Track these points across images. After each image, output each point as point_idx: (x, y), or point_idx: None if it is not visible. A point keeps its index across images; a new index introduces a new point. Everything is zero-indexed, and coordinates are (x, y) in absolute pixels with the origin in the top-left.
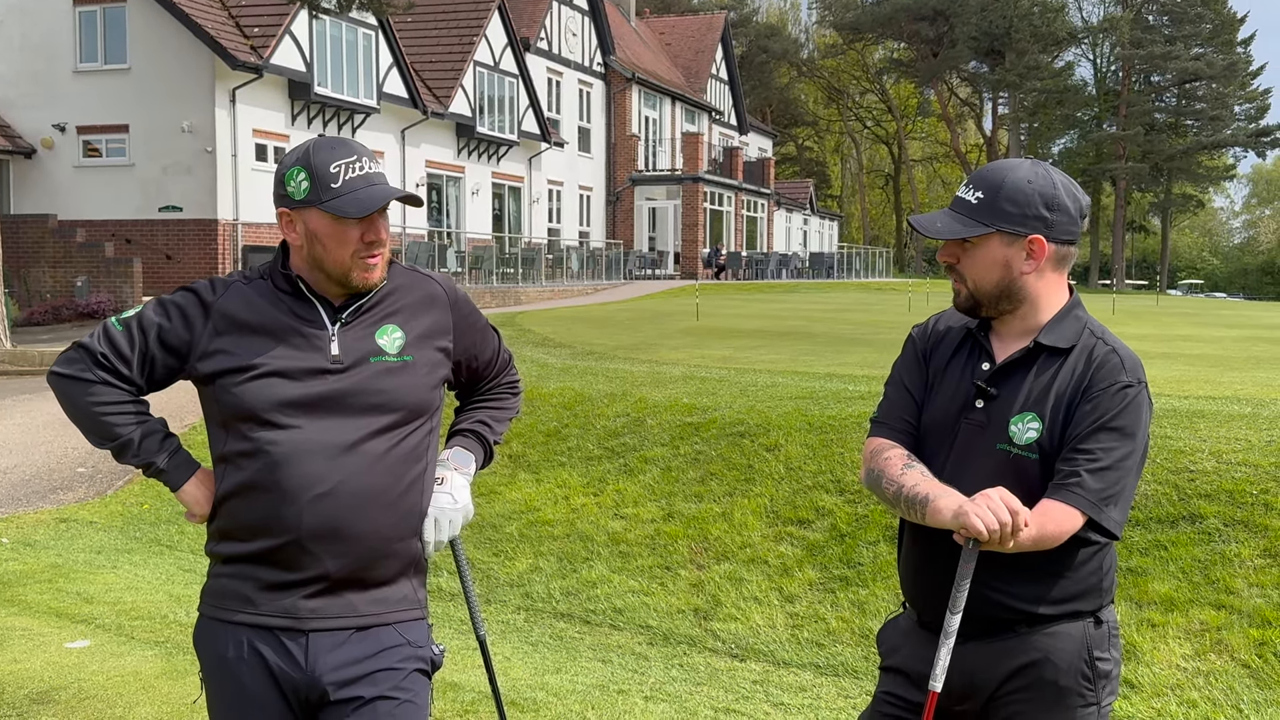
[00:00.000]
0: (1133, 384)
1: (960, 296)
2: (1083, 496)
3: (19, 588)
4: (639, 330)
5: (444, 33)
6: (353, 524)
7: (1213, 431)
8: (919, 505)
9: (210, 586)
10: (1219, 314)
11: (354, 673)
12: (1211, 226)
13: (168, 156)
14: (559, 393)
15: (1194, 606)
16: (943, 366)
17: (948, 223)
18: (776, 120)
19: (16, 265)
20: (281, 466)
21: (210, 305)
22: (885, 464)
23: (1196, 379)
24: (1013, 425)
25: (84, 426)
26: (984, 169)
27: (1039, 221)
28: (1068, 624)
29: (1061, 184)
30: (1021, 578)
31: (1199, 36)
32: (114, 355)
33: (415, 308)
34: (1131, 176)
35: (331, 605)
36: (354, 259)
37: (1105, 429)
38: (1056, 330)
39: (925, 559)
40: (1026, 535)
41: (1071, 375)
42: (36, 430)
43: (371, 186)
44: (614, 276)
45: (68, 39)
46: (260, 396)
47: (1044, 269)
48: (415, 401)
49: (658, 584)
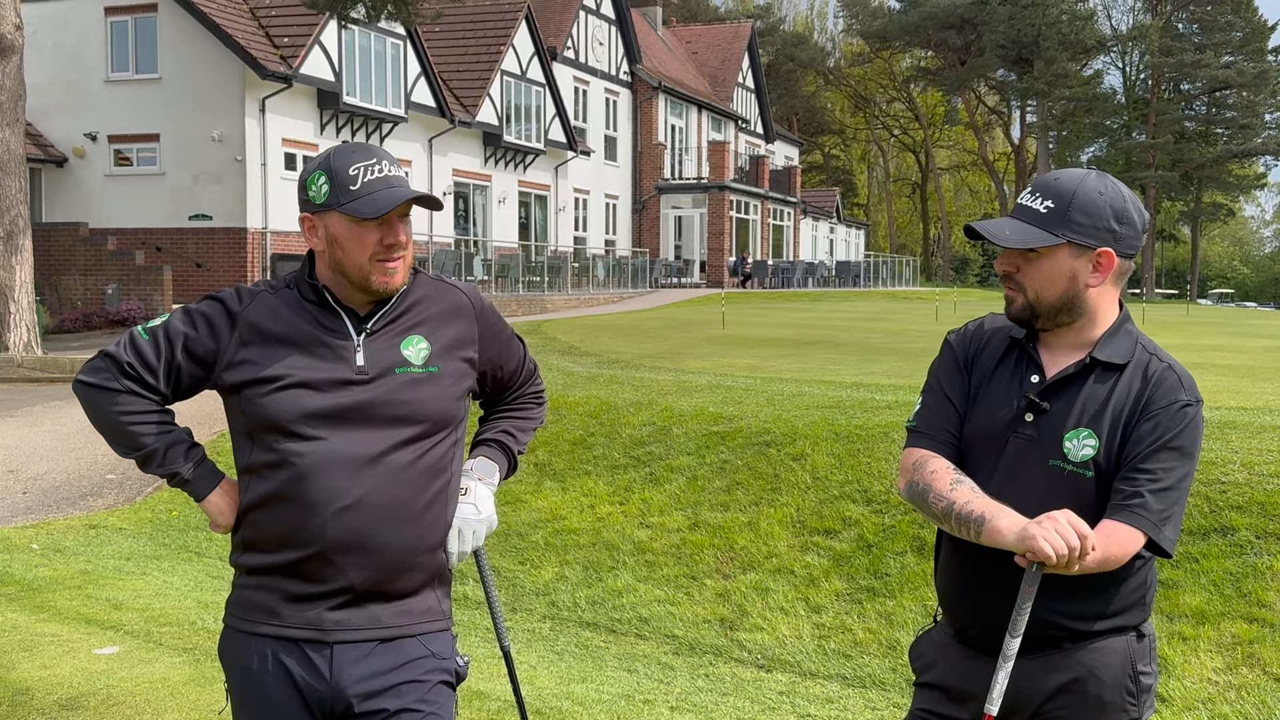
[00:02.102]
0: (1192, 403)
1: (1015, 305)
2: (1145, 518)
3: (49, 594)
4: (665, 339)
5: (471, 42)
6: (376, 536)
7: (1244, 443)
8: (974, 524)
9: (235, 598)
10: (1250, 323)
11: (378, 685)
12: (1242, 235)
13: (198, 165)
14: (585, 401)
15: (1225, 619)
16: (987, 376)
17: (1017, 230)
18: (803, 129)
19: (48, 273)
20: (306, 478)
21: (237, 315)
22: (931, 478)
23: (1227, 389)
24: (1067, 442)
25: (109, 436)
26: (1049, 177)
27: (1109, 234)
28: (1113, 639)
29: (1129, 198)
30: (1071, 595)
31: (1229, 44)
32: (140, 364)
33: (440, 318)
34: (1161, 185)
35: (356, 617)
36: (372, 262)
37: (1167, 448)
38: (1111, 345)
39: (967, 574)
40: (1092, 559)
41: (1129, 393)
42: (67, 437)
43: (390, 189)
44: (640, 285)
45: (99, 49)
46: (285, 408)
47: (1105, 283)
48: (440, 413)
49: (683, 593)
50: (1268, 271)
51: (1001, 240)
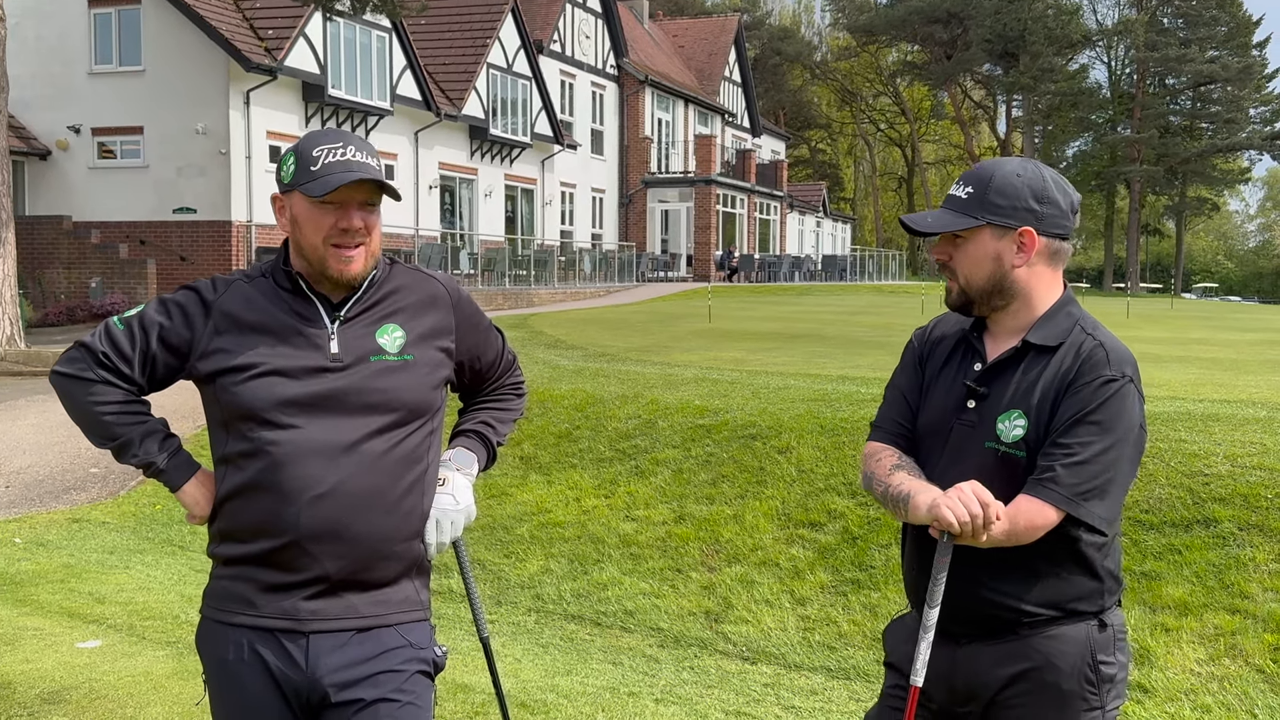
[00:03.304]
0: (1117, 377)
1: (952, 294)
2: (1055, 491)
3: (31, 587)
4: (651, 332)
5: (457, 35)
6: (352, 525)
7: (1227, 435)
8: (902, 503)
9: (211, 588)
10: (1234, 317)
11: (355, 674)
12: (1226, 230)
13: (182, 158)
14: (571, 394)
15: (1208, 611)
16: (938, 369)
17: (939, 217)
18: (790, 123)
19: (31, 266)
20: (281, 467)
21: (211, 304)
22: (876, 465)
23: (1211, 382)
24: (1000, 423)
25: (85, 426)
26: (975, 167)
27: (1028, 214)
28: (1068, 626)
29: (1051, 178)
30: (1018, 577)
31: (1214, 39)
32: (115, 354)
33: (417, 308)
34: (1146, 179)
35: (332, 607)
36: (326, 246)
37: (1085, 422)
38: (1046, 327)
39: (923, 559)
40: (999, 529)
41: (1058, 371)
42: (50, 430)
43: (346, 171)
44: (626, 279)
45: (83, 41)
46: (260, 396)
47: (1035, 263)
48: (415, 401)
49: (669, 586)
50: (1252, 266)
51: (924, 226)
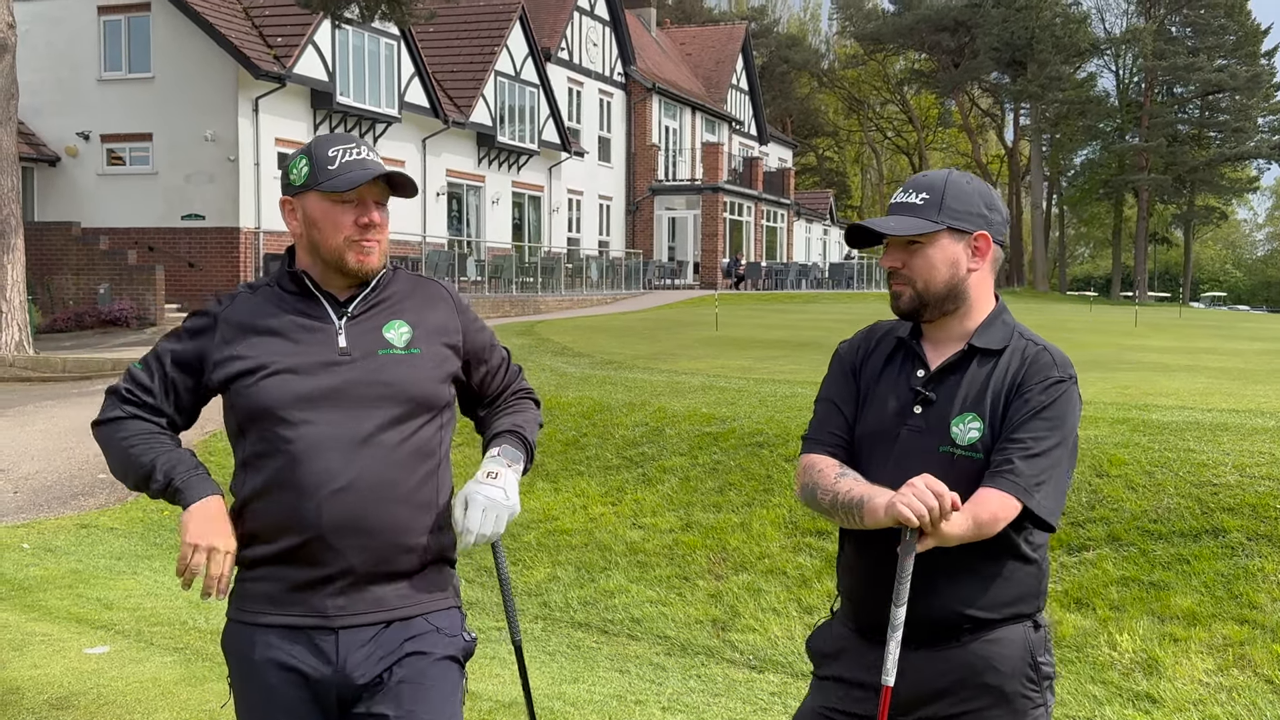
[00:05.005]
0: (1064, 379)
1: (904, 299)
2: (1014, 482)
3: (39, 593)
4: (658, 340)
5: (465, 43)
6: (371, 517)
7: (1236, 445)
8: (856, 509)
9: (236, 591)
10: (1242, 326)
11: (385, 667)
12: (1235, 239)
13: (191, 165)
14: (577, 402)
15: (1217, 621)
16: (876, 377)
17: (900, 222)
18: (797, 130)
19: (40, 272)
20: (299, 463)
21: (218, 316)
22: (818, 476)
23: (1220, 391)
24: (954, 427)
25: (119, 466)
26: (917, 176)
27: (982, 219)
28: (1009, 629)
29: (991, 189)
30: (964, 579)
31: (1222, 48)
32: (137, 388)
33: (421, 306)
34: (1154, 188)
35: (359, 601)
36: (348, 243)
37: (1037, 418)
38: (988, 333)
39: (874, 569)
40: (964, 524)
41: (1006, 374)
42: (58, 437)
43: (365, 170)
44: (633, 286)
45: (92, 48)
46: (273, 395)
47: (984, 269)
48: (424, 394)
49: (675, 594)
50: (1260, 275)
51: (887, 230)
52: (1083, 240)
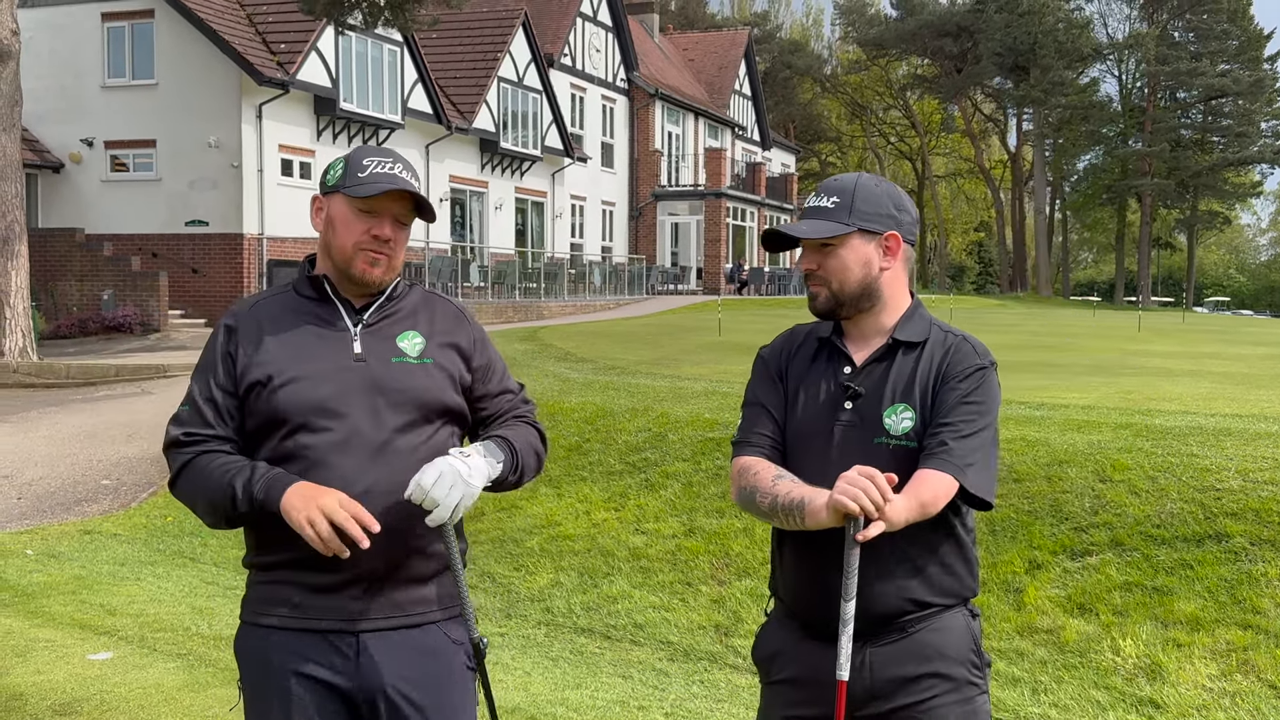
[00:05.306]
0: (985, 365)
1: (820, 299)
2: (949, 461)
3: (43, 599)
4: (661, 345)
5: (468, 49)
6: (389, 521)
7: (1239, 450)
8: (796, 511)
9: (252, 595)
10: (1246, 331)
11: (405, 675)
12: (1238, 243)
13: (194, 171)
14: (580, 407)
15: (1220, 626)
16: (802, 377)
17: (812, 225)
18: (800, 136)
19: (44, 279)
20: (318, 468)
21: (235, 329)
22: (755, 479)
23: (1223, 396)
24: (886, 418)
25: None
26: (828, 180)
27: (892, 219)
28: (952, 616)
29: (900, 191)
30: (907, 569)
31: (1225, 53)
32: (192, 422)
33: (434, 319)
34: (1157, 193)
35: (378, 605)
36: (357, 250)
37: (965, 403)
38: (908, 327)
39: (820, 568)
40: (908, 505)
41: (932, 364)
42: (62, 443)
43: (392, 183)
44: (636, 291)
45: (96, 54)
46: (291, 402)
47: (896, 267)
48: (438, 401)
49: (679, 600)
50: (1264, 279)
51: (800, 234)
52: (1086, 245)
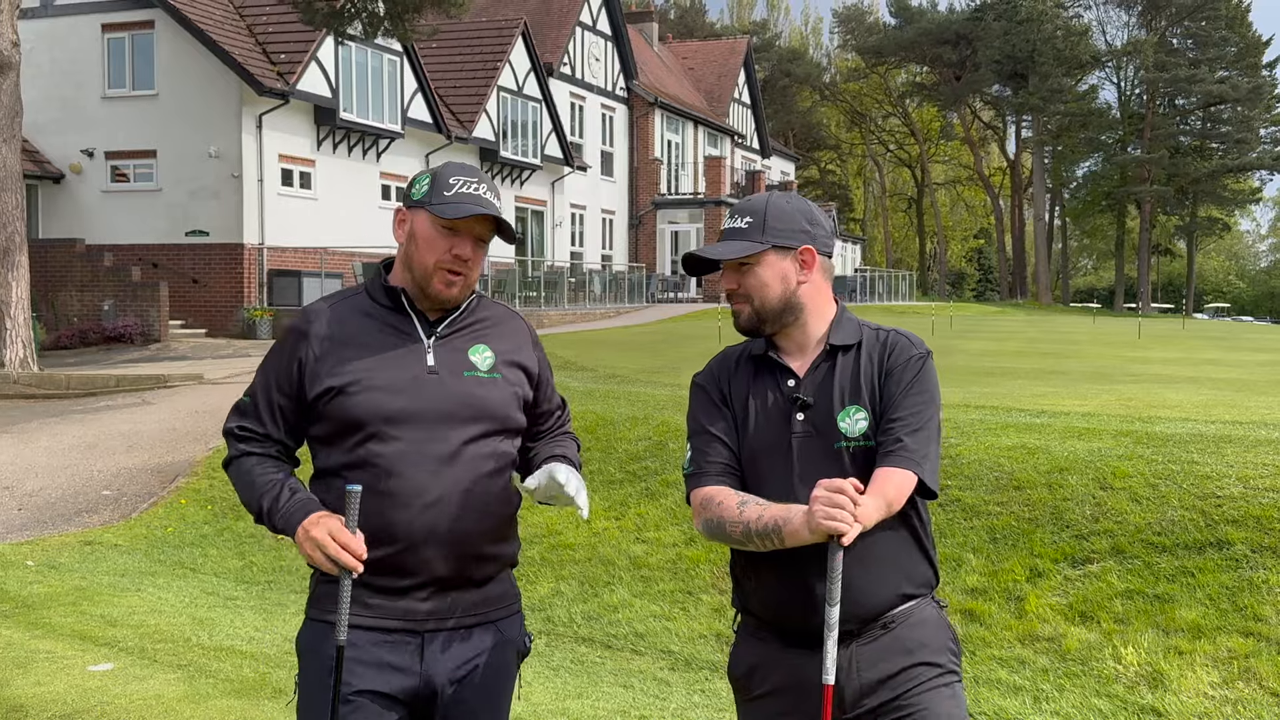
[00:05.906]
0: (923, 354)
1: (743, 317)
2: (908, 457)
3: (43, 610)
4: (661, 353)
5: (468, 58)
6: (457, 529)
7: (1240, 457)
8: (774, 534)
9: (320, 592)
10: (1246, 338)
11: (462, 672)
12: (1238, 250)
13: (195, 181)
14: (580, 416)
15: (1222, 634)
16: (746, 397)
17: (728, 246)
18: (799, 144)
19: (44, 289)
20: (390, 476)
21: (309, 334)
22: (720, 509)
23: (1223, 403)
24: (841, 422)
25: (243, 502)
26: (742, 201)
27: (805, 234)
28: (925, 609)
29: (812, 205)
30: (881, 565)
31: (1224, 60)
32: (249, 420)
33: (505, 335)
34: (1157, 199)
35: (443, 607)
36: (437, 268)
37: (910, 394)
38: (840, 331)
39: (799, 579)
40: (876, 505)
41: (872, 361)
42: (62, 454)
43: (477, 205)
44: (636, 300)
45: (96, 65)
46: (366, 410)
47: (815, 279)
48: (504, 415)
49: (680, 609)
50: (1264, 286)
51: (717, 255)
52: (1085, 252)
